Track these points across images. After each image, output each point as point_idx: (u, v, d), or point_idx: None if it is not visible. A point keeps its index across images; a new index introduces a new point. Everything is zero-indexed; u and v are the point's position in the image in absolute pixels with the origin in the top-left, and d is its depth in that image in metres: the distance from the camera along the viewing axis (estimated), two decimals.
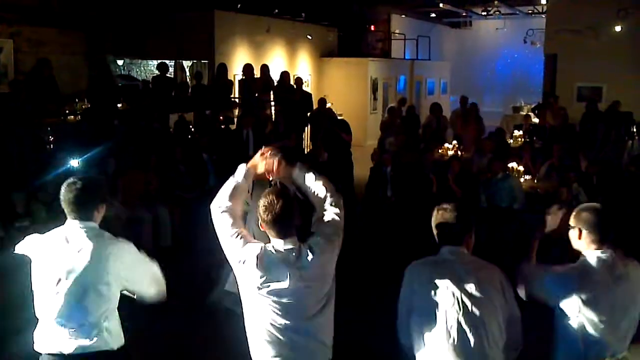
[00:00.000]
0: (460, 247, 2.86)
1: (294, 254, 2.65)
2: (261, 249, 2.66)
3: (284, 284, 2.61)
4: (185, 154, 8.33)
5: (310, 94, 12.42)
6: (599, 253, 2.85)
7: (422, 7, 20.93)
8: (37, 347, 2.94)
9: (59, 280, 2.84)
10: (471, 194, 7.75)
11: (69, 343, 2.86)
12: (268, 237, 2.73)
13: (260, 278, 2.63)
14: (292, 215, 2.67)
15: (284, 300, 2.63)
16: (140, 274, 3.02)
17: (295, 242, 2.68)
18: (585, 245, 2.89)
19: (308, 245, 2.69)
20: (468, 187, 7.89)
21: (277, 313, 2.65)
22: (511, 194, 7.63)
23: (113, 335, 2.93)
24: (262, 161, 3.05)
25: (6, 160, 7.12)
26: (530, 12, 20.93)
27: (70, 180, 2.96)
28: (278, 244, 2.68)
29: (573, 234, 2.93)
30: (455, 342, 2.70)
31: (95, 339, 2.87)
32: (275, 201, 2.63)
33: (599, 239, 2.86)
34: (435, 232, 2.90)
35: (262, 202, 2.66)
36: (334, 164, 9.13)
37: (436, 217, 2.89)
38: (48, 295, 2.86)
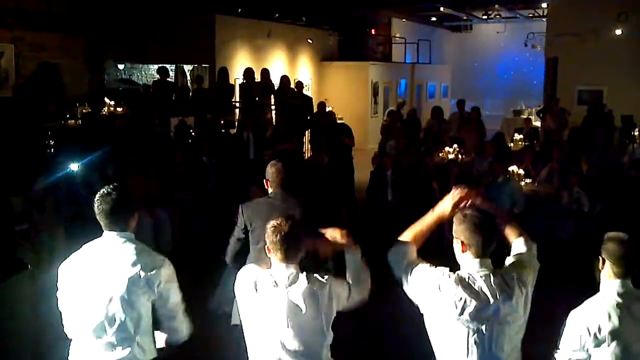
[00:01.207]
0: (486, 259, 2.73)
1: (290, 279, 2.69)
2: (255, 283, 2.70)
3: (282, 311, 2.66)
4: (185, 158, 8.33)
5: (310, 98, 12.42)
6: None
7: (422, 11, 20.94)
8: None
9: (95, 294, 2.80)
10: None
11: (102, 357, 2.84)
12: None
13: (258, 313, 2.68)
14: (299, 239, 2.72)
15: (281, 326, 2.67)
16: (174, 298, 2.91)
17: (296, 268, 2.73)
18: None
19: (311, 275, 2.73)
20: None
21: (277, 339, 2.68)
22: (512, 197, 7.61)
23: (144, 351, 2.90)
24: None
25: (5, 164, 7.12)
26: (530, 15, 20.91)
27: (104, 191, 2.87)
28: (277, 271, 2.71)
29: None
30: (474, 355, 2.64)
31: (126, 353, 2.84)
32: (284, 223, 2.71)
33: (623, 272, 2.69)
34: (463, 241, 2.71)
35: (270, 224, 2.73)
36: (335, 168, 9.12)
37: (463, 224, 2.73)
38: (82, 309, 2.83)
